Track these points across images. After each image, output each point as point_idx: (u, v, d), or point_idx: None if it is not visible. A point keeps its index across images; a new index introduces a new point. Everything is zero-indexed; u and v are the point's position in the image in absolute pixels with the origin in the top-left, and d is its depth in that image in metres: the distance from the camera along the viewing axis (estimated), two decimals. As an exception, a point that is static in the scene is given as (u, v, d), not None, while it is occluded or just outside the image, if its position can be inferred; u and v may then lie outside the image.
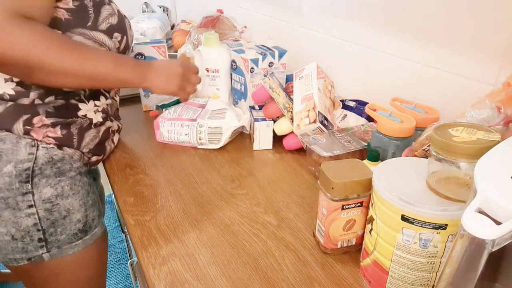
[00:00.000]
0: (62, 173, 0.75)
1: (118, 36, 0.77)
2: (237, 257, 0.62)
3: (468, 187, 0.46)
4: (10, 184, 0.69)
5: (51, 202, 0.73)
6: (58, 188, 0.74)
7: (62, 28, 0.68)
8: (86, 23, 0.71)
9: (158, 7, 2.04)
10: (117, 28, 0.76)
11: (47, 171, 0.72)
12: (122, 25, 0.78)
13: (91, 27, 0.71)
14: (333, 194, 0.57)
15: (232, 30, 1.36)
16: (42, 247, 0.75)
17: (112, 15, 0.75)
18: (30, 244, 0.73)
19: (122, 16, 0.79)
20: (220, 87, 1.04)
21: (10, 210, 0.70)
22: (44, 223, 0.73)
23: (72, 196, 0.76)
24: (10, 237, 0.72)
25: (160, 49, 1.08)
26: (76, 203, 0.77)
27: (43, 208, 0.73)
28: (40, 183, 0.72)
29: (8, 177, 0.69)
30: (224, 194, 0.77)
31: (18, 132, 0.70)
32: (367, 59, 0.97)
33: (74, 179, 0.77)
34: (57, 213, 0.74)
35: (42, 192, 0.72)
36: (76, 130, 0.76)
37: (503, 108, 0.55)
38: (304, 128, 0.84)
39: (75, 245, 0.78)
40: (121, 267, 1.78)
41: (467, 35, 0.72)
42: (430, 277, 0.50)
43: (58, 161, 0.74)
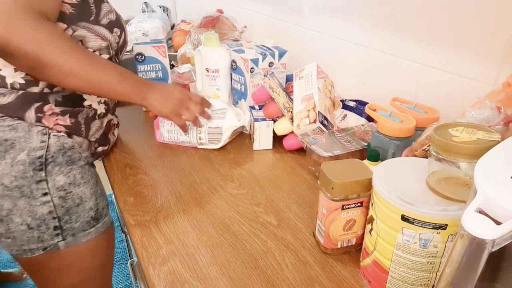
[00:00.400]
0: (73, 161, 0.76)
1: (118, 31, 0.80)
2: (237, 257, 0.62)
3: (468, 187, 0.46)
4: (24, 172, 0.70)
5: (65, 190, 0.74)
6: (70, 176, 0.75)
7: (67, 22, 0.71)
8: (89, 18, 0.74)
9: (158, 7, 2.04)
10: (116, 23, 0.79)
11: (59, 159, 0.74)
12: (120, 22, 0.82)
13: (94, 21, 0.75)
14: (333, 194, 0.57)
15: (232, 30, 1.36)
16: (58, 235, 0.76)
17: (110, 12, 0.79)
18: (46, 232, 0.74)
19: (118, 14, 0.83)
20: (220, 87, 1.04)
21: (25, 199, 0.71)
22: (59, 210, 0.74)
23: (84, 184, 0.78)
24: (26, 227, 0.72)
25: (160, 49, 1.08)
26: (87, 192, 0.78)
27: (58, 196, 0.74)
28: (54, 170, 0.73)
29: (22, 165, 0.70)
30: (224, 194, 0.77)
31: (30, 120, 0.71)
32: (367, 59, 0.97)
33: (84, 168, 0.78)
34: (70, 200, 0.75)
35: (55, 180, 0.73)
36: (83, 119, 0.78)
37: (503, 108, 0.55)
38: (304, 128, 0.84)
39: (88, 232, 0.80)
40: (121, 267, 1.78)
41: (467, 35, 0.72)
42: (430, 277, 0.50)
43: (68, 150, 0.75)
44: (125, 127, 1.04)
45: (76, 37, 0.73)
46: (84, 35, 0.74)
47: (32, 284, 1.70)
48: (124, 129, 1.03)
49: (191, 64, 1.30)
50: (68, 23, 0.71)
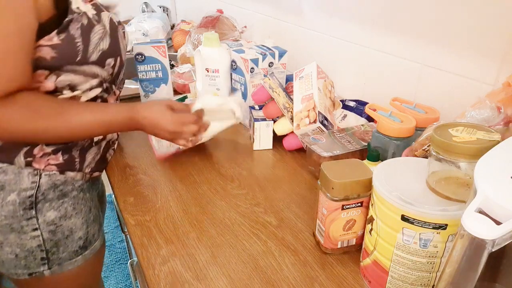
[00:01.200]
0: (65, 194, 0.74)
1: (111, 61, 0.71)
2: (237, 257, 0.62)
3: (468, 187, 0.46)
4: (14, 212, 0.69)
5: (55, 224, 0.73)
6: (61, 210, 0.74)
7: (48, 67, 0.64)
8: (75, 58, 0.65)
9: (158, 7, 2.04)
10: (109, 53, 0.70)
11: (50, 195, 0.72)
12: (115, 45, 0.71)
13: (81, 61, 0.66)
14: (333, 194, 0.57)
15: (232, 30, 1.36)
16: (44, 264, 0.75)
17: (103, 37, 0.68)
18: (33, 262, 0.74)
19: (115, 27, 0.71)
20: (220, 87, 1.04)
21: (15, 233, 0.71)
22: (48, 244, 0.73)
23: (75, 215, 0.76)
24: (14, 256, 0.72)
25: (160, 49, 1.08)
26: (78, 222, 0.77)
27: (47, 230, 0.73)
28: (44, 207, 0.72)
29: (12, 205, 0.69)
30: (224, 194, 0.77)
31: (19, 164, 0.69)
32: (367, 59, 0.97)
33: (76, 198, 0.76)
34: (60, 233, 0.74)
35: (46, 215, 0.72)
36: (78, 152, 0.75)
37: (503, 108, 0.55)
38: (304, 128, 0.84)
39: (75, 261, 0.78)
40: (121, 267, 1.78)
41: (467, 35, 0.72)
42: (430, 277, 0.50)
43: (60, 185, 0.73)
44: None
45: (61, 83, 0.66)
46: (70, 80, 0.66)
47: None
48: (124, 129, 1.02)
49: (191, 64, 1.30)
50: (50, 69, 0.64)
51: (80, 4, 0.65)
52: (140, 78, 1.10)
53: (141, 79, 1.10)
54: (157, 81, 1.12)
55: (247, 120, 1.04)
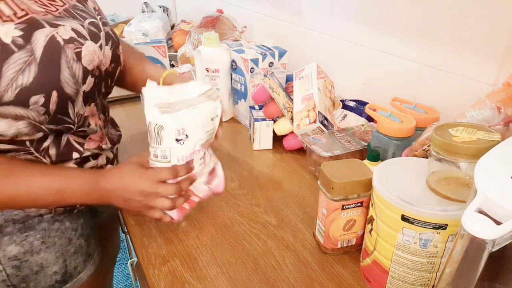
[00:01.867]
0: (29, 227, 0.64)
1: (40, 99, 0.52)
2: (237, 257, 0.62)
3: (468, 187, 0.46)
4: None
5: (19, 259, 0.64)
6: (25, 244, 0.64)
7: None
8: None
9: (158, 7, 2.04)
10: (33, 89, 0.51)
11: (9, 229, 0.63)
12: (46, 76, 0.52)
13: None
14: (333, 194, 0.57)
15: (232, 30, 1.36)
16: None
17: (25, 68, 0.50)
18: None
19: (56, 49, 0.53)
20: (220, 87, 1.04)
21: None
22: (13, 279, 0.65)
23: (46, 250, 0.66)
24: None
25: (160, 49, 1.08)
26: (51, 256, 0.67)
27: (10, 266, 0.64)
28: (2, 241, 0.62)
29: None
30: (224, 194, 0.77)
31: None
32: (367, 59, 0.97)
33: (48, 230, 0.66)
34: (27, 269, 0.65)
35: (6, 250, 0.63)
36: None
37: (503, 108, 0.55)
38: (304, 128, 0.84)
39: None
40: (121, 267, 1.78)
41: (467, 35, 0.72)
42: (430, 277, 0.50)
43: (19, 219, 0.63)
44: (125, 126, 1.03)
45: None
46: None
47: None
48: (124, 129, 1.02)
49: (191, 64, 1.30)
50: None
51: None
52: (140, 78, 1.10)
53: (141, 79, 1.10)
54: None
55: (247, 120, 1.04)
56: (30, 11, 0.53)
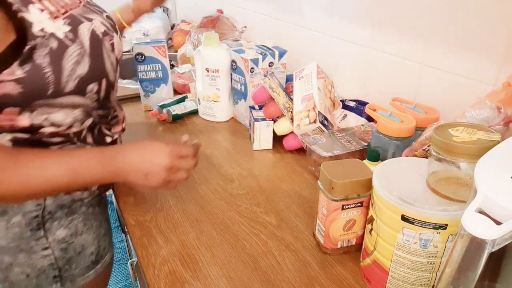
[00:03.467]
0: (74, 211, 0.70)
1: (94, 87, 0.60)
2: (237, 257, 0.62)
3: (468, 187, 0.46)
4: (21, 234, 0.65)
5: (66, 241, 0.69)
6: (71, 227, 0.70)
7: (18, 103, 0.54)
8: (46, 91, 0.54)
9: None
10: (90, 77, 0.58)
11: (58, 214, 0.67)
12: (98, 67, 0.60)
13: (54, 94, 0.55)
14: (333, 194, 0.57)
15: (232, 30, 1.36)
16: (56, 282, 0.72)
17: (80, 59, 0.56)
18: (45, 281, 0.70)
19: (98, 41, 0.60)
20: (220, 87, 1.04)
21: (25, 254, 0.67)
22: (60, 261, 0.70)
23: (86, 231, 0.72)
24: (25, 276, 0.68)
25: (160, 49, 1.08)
26: (90, 238, 0.73)
27: (59, 248, 0.69)
28: (53, 226, 0.67)
29: (18, 227, 0.64)
30: (224, 194, 0.77)
31: None
32: (367, 59, 0.97)
33: (86, 213, 0.72)
34: (72, 251, 0.71)
35: (56, 234, 0.68)
36: None
37: (503, 108, 0.55)
38: (304, 128, 0.84)
39: (87, 276, 0.75)
40: (121, 267, 1.78)
41: (467, 35, 0.72)
42: (430, 277, 0.50)
43: (67, 204, 0.69)
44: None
45: (38, 119, 0.57)
46: (48, 112, 0.56)
47: None
48: (124, 129, 1.03)
49: (191, 64, 1.30)
50: (20, 105, 0.54)
51: (45, 24, 0.53)
52: (140, 78, 1.10)
53: (141, 79, 1.10)
54: (157, 81, 1.12)
55: (247, 120, 1.04)
56: (67, 7, 0.58)
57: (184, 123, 1.07)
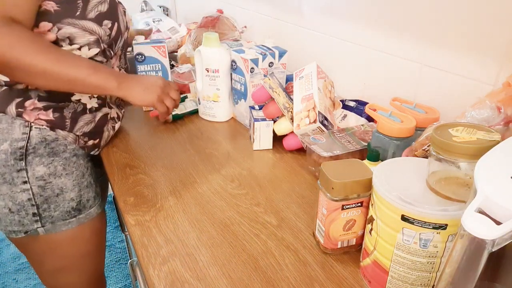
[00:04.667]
0: (56, 153, 0.79)
1: (108, 23, 0.78)
2: (237, 257, 0.62)
3: (468, 187, 0.46)
4: (6, 161, 0.75)
5: (44, 179, 0.78)
6: (51, 167, 0.79)
7: (52, 20, 0.71)
8: (75, 13, 0.73)
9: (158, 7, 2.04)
10: (107, 15, 0.77)
11: (40, 150, 0.77)
12: (113, 12, 0.79)
13: (80, 16, 0.74)
14: (333, 194, 0.57)
15: (232, 30, 1.36)
16: (37, 221, 0.80)
17: (102, 2, 0.77)
18: (25, 218, 0.79)
19: (115, 3, 0.81)
20: (220, 87, 1.04)
21: (7, 185, 0.76)
22: (37, 198, 0.78)
23: (65, 176, 0.81)
24: (7, 210, 0.78)
25: (160, 49, 1.08)
26: (69, 183, 0.81)
27: (37, 185, 0.78)
28: (34, 161, 0.77)
29: (4, 154, 0.75)
30: (224, 194, 0.77)
31: (11, 114, 0.75)
32: (367, 59, 0.97)
33: (68, 160, 0.81)
34: (50, 190, 0.79)
35: (35, 170, 0.77)
36: (70, 113, 0.80)
37: (503, 108, 0.55)
38: (304, 128, 0.84)
39: (69, 222, 0.83)
40: (121, 267, 1.78)
41: (467, 35, 0.72)
42: (430, 277, 0.50)
43: (51, 142, 0.78)
44: (125, 127, 1.04)
45: (62, 35, 0.73)
46: (70, 32, 0.73)
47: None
48: (124, 129, 1.03)
49: (191, 64, 1.30)
50: (53, 21, 0.72)
51: None
52: (140, 78, 1.10)
53: (141, 79, 1.10)
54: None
55: (247, 120, 1.04)
56: None
57: (184, 123, 1.07)
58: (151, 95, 0.81)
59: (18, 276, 1.74)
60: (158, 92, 0.82)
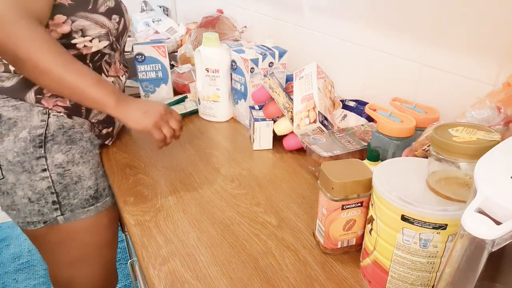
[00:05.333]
0: (73, 141, 0.81)
1: (116, 17, 0.82)
2: (237, 257, 0.62)
3: (468, 187, 0.46)
4: (25, 149, 0.76)
5: (63, 167, 0.80)
6: (69, 155, 0.80)
7: (66, 13, 0.74)
8: (87, 7, 0.77)
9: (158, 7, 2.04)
10: (115, 10, 0.81)
11: (59, 138, 0.79)
12: (119, 8, 0.83)
13: (92, 10, 0.77)
14: (333, 194, 0.57)
15: (232, 30, 1.36)
16: (57, 209, 0.81)
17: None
18: (45, 206, 0.80)
19: (119, 0, 0.85)
20: (220, 87, 1.04)
21: (26, 174, 0.77)
22: (57, 186, 0.80)
23: (83, 164, 0.83)
24: (27, 200, 0.79)
25: (160, 49, 1.08)
26: (86, 171, 0.83)
27: (56, 173, 0.79)
28: (53, 148, 0.78)
29: (24, 142, 0.76)
30: (224, 194, 0.77)
31: (30, 101, 0.77)
32: (367, 59, 0.97)
33: (85, 148, 0.83)
34: (68, 178, 0.81)
35: (54, 157, 0.79)
36: None
37: (503, 108, 0.55)
38: (304, 128, 0.84)
39: (87, 210, 0.85)
40: (121, 267, 1.78)
41: (467, 35, 0.72)
42: (430, 277, 0.50)
43: (68, 129, 0.80)
44: (125, 126, 1.04)
45: (76, 27, 0.75)
46: (83, 25, 0.76)
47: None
48: (124, 129, 1.03)
49: (191, 64, 1.30)
50: (67, 14, 0.74)
51: None
52: (140, 78, 1.10)
53: (141, 79, 1.10)
54: (157, 81, 1.12)
55: (247, 120, 1.04)
56: None
57: (184, 123, 1.07)
58: (148, 119, 0.74)
59: (18, 276, 1.74)
60: (156, 118, 0.75)
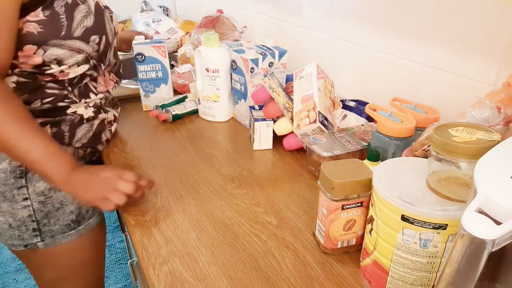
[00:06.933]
0: None
1: (96, 38, 0.75)
2: (237, 257, 0.62)
3: (468, 187, 0.46)
4: (5, 180, 0.74)
5: (45, 195, 0.77)
6: None
7: (36, 42, 0.67)
8: (60, 33, 0.69)
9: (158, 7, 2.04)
10: (93, 30, 0.74)
11: None
12: (99, 25, 0.75)
13: (65, 36, 0.70)
14: (333, 194, 0.57)
15: (232, 30, 1.36)
16: (37, 236, 0.79)
17: (87, 15, 0.72)
18: (25, 233, 0.79)
19: (100, 9, 0.76)
20: (220, 87, 1.04)
21: (8, 202, 0.76)
22: (38, 214, 0.78)
23: None
24: (8, 226, 0.78)
25: (160, 49, 1.08)
26: (68, 196, 0.80)
27: (37, 201, 0.77)
28: (34, 177, 0.76)
29: (4, 173, 0.74)
30: (224, 194, 0.77)
31: None
32: (367, 59, 0.97)
33: None
34: (50, 205, 0.78)
35: (35, 186, 0.76)
36: (67, 127, 0.79)
37: (503, 108, 0.55)
38: (304, 128, 0.84)
39: (68, 234, 0.82)
40: (121, 267, 1.78)
41: (467, 35, 0.72)
42: (430, 277, 0.50)
43: None
44: (125, 127, 1.04)
45: (49, 57, 0.69)
46: (57, 54, 0.70)
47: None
48: (124, 129, 1.03)
49: (191, 64, 1.29)
50: (37, 43, 0.68)
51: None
52: (140, 78, 1.10)
53: (141, 79, 1.10)
54: (157, 81, 1.12)
55: (247, 120, 1.04)
56: None
57: (184, 123, 1.07)
58: (91, 193, 0.69)
59: (18, 276, 1.74)
60: (99, 190, 0.68)
